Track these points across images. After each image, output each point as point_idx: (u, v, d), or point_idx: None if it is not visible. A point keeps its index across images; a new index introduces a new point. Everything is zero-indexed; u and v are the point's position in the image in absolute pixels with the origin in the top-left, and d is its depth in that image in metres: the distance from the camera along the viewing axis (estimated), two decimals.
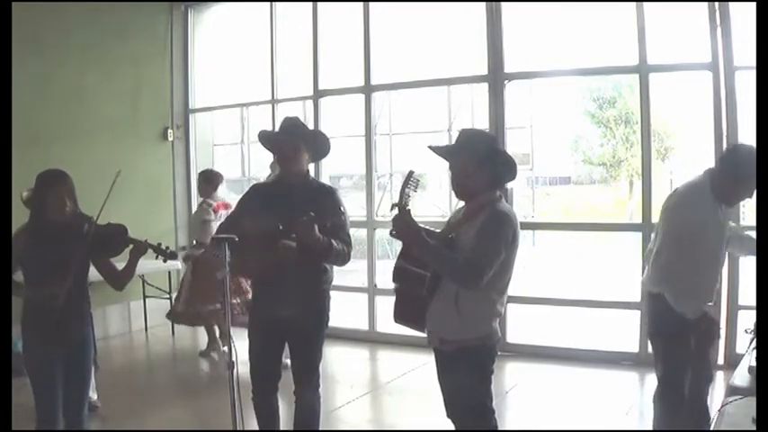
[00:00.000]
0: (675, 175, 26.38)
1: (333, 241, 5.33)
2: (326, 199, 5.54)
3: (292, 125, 5.64)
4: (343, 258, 5.53)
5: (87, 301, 5.57)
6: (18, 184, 6.06)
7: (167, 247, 5.59)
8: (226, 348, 10.18)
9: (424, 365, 6.23)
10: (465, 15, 10.63)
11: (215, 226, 8.79)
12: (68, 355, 5.34)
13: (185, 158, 12.87)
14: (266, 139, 5.76)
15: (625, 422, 7.13)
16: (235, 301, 9.94)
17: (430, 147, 5.01)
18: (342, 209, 5.60)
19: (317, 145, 5.72)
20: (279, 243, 5.18)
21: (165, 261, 5.60)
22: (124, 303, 11.25)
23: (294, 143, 5.52)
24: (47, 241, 5.27)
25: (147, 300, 11.60)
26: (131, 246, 5.61)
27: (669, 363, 5.48)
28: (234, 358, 4.91)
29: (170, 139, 12.59)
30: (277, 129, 5.78)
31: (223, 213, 9.64)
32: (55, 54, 10.63)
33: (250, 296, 9.79)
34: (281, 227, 5.16)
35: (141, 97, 12.12)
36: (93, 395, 8.00)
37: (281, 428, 5.93)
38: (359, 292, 11.26)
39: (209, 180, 10.26)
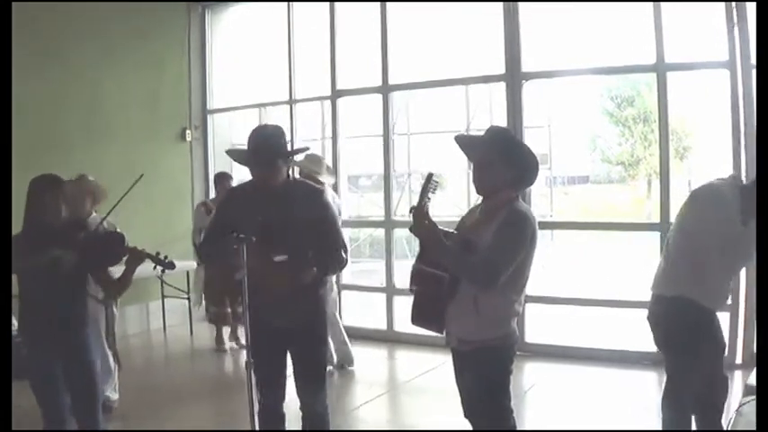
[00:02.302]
0: (693, 175, 26.30)
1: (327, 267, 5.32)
2: (315, 201, 5.37)
3: (264, 144, 5.23)
4: (342, 267, 5.53)
5: (85, 305, 5.51)
6: None
7: (165, 257, 5.45)
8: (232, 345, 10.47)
9: (443, 365, 6.23)
10: (482, 15, 10.62)
11: None
12: (68, 358, 5.29)
13: (203, 159, 12.92)
14: (238, 157, 5.56)
15: (643, 422, 7.11)
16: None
17: (456, 137, 5.01)
18: (332, 209, 5.49)
19: (291, 151, 5.51)
20: (277, 278, 5.04)
21: (162, 272, 5.44)
22: (143, 303, 11.30)
23: (271, 164, 5.20)
24: (42, 245, 5.22)
25: (165, 299, 11.65)
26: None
27: (687, 366, 5.43)
28: (251, 358, 4.88)
29: (188, 139, 12.64)
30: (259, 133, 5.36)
31: None
32: (73, 57, 10.70)
33: None
34: (275, 258, 4.97)
35: (159, 98, 12.17)
36: (114, 394, 8.04)
37: None
38: (377, 291, 11.27)
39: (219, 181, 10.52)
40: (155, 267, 5.42)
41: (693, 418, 5.50)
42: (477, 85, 11.54)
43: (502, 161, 4.68)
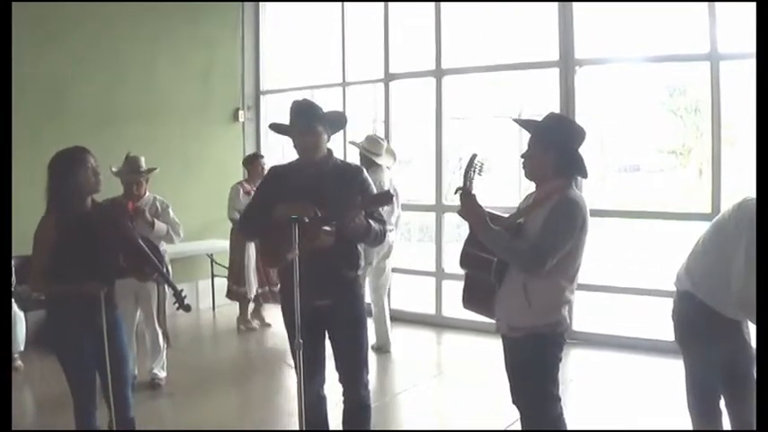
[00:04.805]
0: (742, 165, 25.91)
1: (371, 222, 5.21)
2: (355, 178, 5.39)
3: (305, 110, 5.34)
4: (380, 239, 5.41)
5: (113, 288, 5.36)
6: None
7: (185, 296, 5.41)
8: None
9: (491, 350, 6.21)
10: (536, 0, 10.53)
11: None
12: (99, 339, 5.15)
13: (256, 140, 12.99)
14: (281, 129, 5.54)
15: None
16: (265, 288, 10.35)
17: (514, 119, 5.00)
18: (372, 188, 5.47)
19: (333, 121, 5.45)
20: (318, 230, 4.94)
21: (177, 309, 5.38)
22: (192, 282, 11.36)
23: (312, 130, 5.26)
24: (78, 223, 5.14)
25: (215, 279, 11.71)
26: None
27: (693, 365, 5.31)
28: (301, 339, 4.87)
29: (241, 120, 12.70)
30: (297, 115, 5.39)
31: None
32: (127, 37, 10.80)
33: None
34: (318, 213, 4.92)
35: (212, 79, 12.24)
36: (162, 372, 8.13)
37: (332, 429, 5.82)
38: (426, 275, 11.26)
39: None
40: (174, 302, 5.39)
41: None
42: (530, 71, 11.47)
43: (544, 149, 4.71)
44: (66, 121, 9.84)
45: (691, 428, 5.33)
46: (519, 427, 5.08)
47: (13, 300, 8.49)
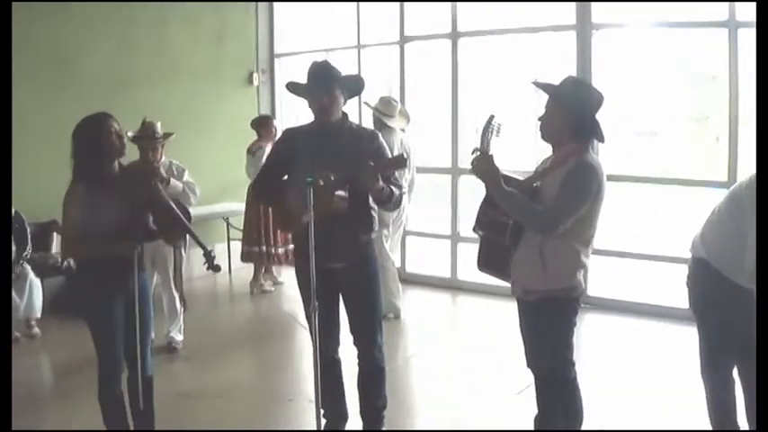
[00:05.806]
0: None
1: (392, 188, 5.20)
2: (370, 143, 5.37)
3: (323, 71, 5.33)
4: (398, 204, 5.43)
5: (142, 251, 5.33)
6: None
7: (214, 256, 5.39)
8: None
9: (506, 314, 6.20)
10: None
11: None
12: (130, 301, 5.19)
13: (270, 103, 12.95)
14: (297, 89, 5.50)
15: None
16: (281, 250, 10.35)
17: (533, 82, 4.97)
18: (387, 153, 5.43)
19: (350, 84, 5.45)
20: (333, 194, 4.94)
21: (207, 269, 5.35)
22: (209, 246, 11.36)
23: (329, 91, 5.24)
24: (107, 190, 5.10)
25: (231, 242, 11.72)
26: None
27: (706, 333, 5.20)
28: (317, 302, 4.86)
29: (255, 83, 12.66)
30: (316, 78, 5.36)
31: None
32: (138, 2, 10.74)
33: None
34: (332, 177, 4.90)
35: (226, 42, 12.19)
36: (179, 336, 8.16)
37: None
38: (441, 239, 11.26)
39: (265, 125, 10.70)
40: (204, 263, 5.36)
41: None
42: (546, 35, 11.35)
43: (562, 112, 4.69)
44: (78, 86, 9.84)
45: (703, 394, 5.30)
46: (533, 391, 5.10)
47: (30, 267, 8.56)
